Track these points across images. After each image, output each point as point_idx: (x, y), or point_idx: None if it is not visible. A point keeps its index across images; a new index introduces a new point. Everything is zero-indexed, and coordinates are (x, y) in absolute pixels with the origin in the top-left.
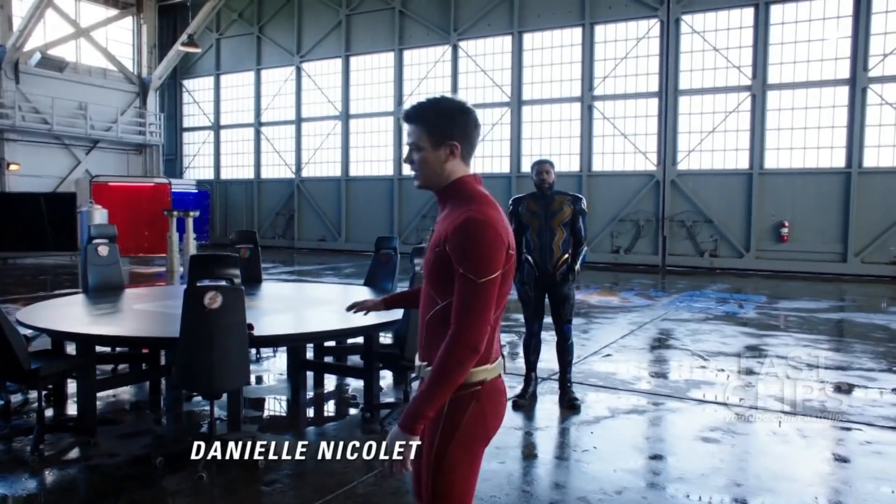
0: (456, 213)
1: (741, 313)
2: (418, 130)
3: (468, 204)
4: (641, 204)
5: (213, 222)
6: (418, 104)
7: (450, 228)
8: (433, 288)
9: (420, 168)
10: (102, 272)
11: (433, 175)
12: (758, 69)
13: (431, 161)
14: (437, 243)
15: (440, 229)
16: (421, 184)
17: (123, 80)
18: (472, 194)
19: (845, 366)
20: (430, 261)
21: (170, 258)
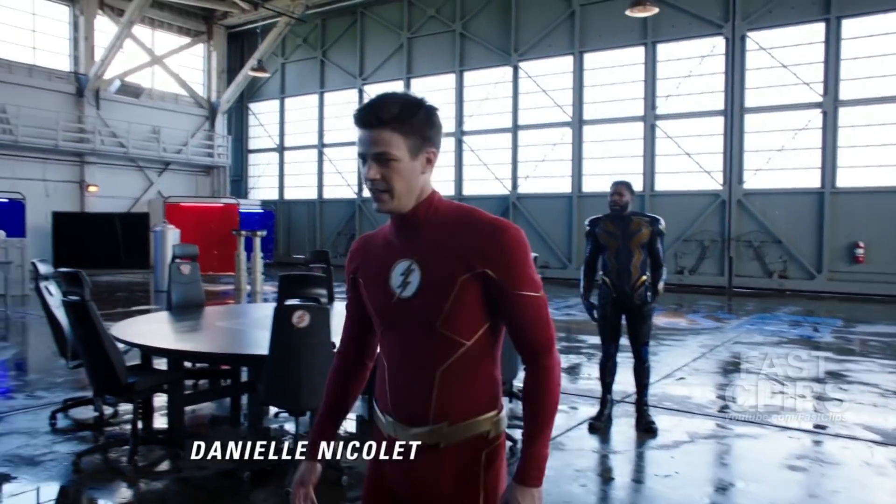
0: (453, 233)
1: (817, 337)
2: (391, 136)
3: (470, 216)
4: (706, 224)
5: (276, 241)
6: (387, 102)
7: (479, 248)
8: (453, 326)
9: (392, 183)
10: (185, 290)
11: (408, 191)
12: (829, 85)
13: (407, 173)
14: (451, 270)
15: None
16: (390, 205)
17: (194, 104)
18: (462, 208)
19: None
20: (451, 294)
21: (237, 277)
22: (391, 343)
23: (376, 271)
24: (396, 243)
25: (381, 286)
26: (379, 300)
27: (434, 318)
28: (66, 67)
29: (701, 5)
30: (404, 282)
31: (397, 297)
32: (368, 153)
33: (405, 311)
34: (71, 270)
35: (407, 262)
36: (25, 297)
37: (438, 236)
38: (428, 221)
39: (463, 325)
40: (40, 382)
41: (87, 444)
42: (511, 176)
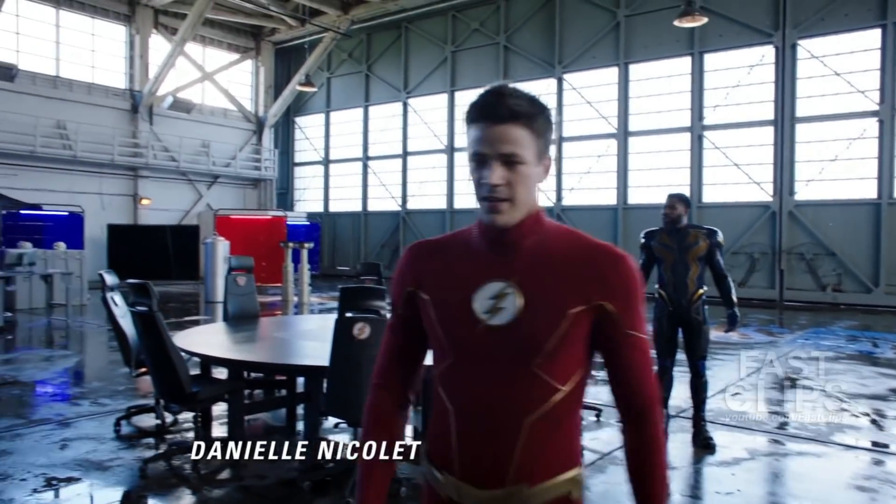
0: (565, 255)
1: (877, 353)
2: (522, 134)
3: (583, 238)
4: (756, 236)
5: (322, 253)
6: (516, 93)
7: (599, 277)
8: (551, 368)
9: (516, 190)
10: (241, 301)
11: (526, 202)
12: (885, 93)
13: (531, 181)
14: (562, 299)
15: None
16: (507, 217)
17: (242, 118)
18: (568, 228)
19: None
20: (558, 327)
21: (285, 288)
22: (465, 382)
23: (453, 290)
24: (484, 259)
25: (459, 309)
26: (456, 326)
27: (532, 355)
28: (121, 85)
29: (750, 14)
30: (495, 307)
31: (484, 324)
32: (493, 152)
33: (492, 344)
34: (140, 282)
35: (501, 283)
36: (84, 307)
37: (545, 257)
38: (531, 238)
39: (562, 367)
40: (103, 390)
41: (151, 450)
42: (556, 188)
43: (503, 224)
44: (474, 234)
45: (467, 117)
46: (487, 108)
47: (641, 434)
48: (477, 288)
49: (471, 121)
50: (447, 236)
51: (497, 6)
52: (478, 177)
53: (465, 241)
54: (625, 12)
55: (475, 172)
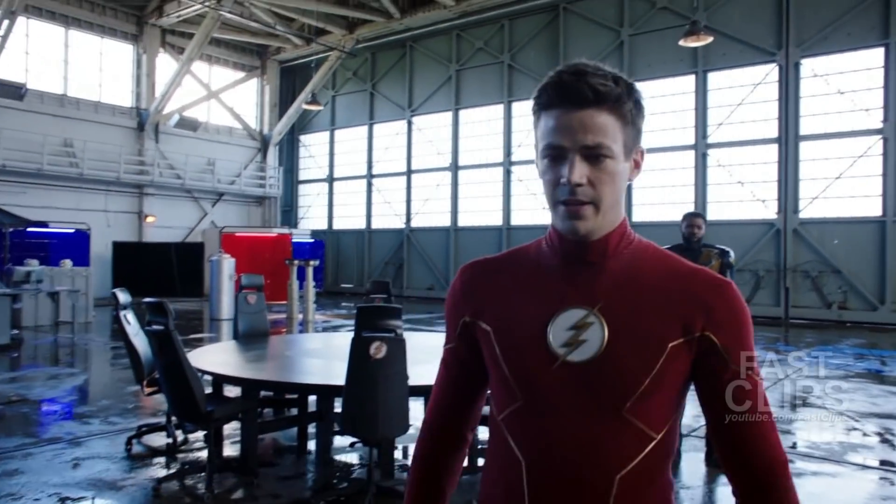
0: (658, 277)
1: (886, 371)
2: (607, 121)
3: (676, 259)
4: (761, 253)
5: (326, 271)
6: (599, 72)
7: (702, 303)
8: (646, 412)
9: (603, 190)
10: (251, 319)
11: (614, 206)
12: (890, 111)
13: (620, 179)
14: (659, 330)
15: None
16: (591, 224)
17: (247, 136)
18: (650, 242)
19: None
20: (656, 363)
21: (290, 305)
22: (539, 430)
23: (521, 319)
24: (560, 281)
25: (530, 342)
26: (526, 362)
27: (624, 396)
28: (128, 103)
29: (753, 33)
30: (575, 339)
31: (562, 360)
32: (573, 144)
33: (573, 384)
34: (156, 300)
35: (582, 311)
36: (89, 325)
37: (634, 279)
38: (618, 256)
39: (658, 412)
40: (113, 408)
41: (163, 469)
42: None
43: (586, 233)
44: (544, 249)
45: (537, 103)
46: (565, 89)
47: (780, 482)
48: (552, 316)
49: (542, 107)
50: (508, 253)
51: (501, 25)
52: (553, 176)
53: (532, 258)
54: (629, 31)
55: (549, 171)
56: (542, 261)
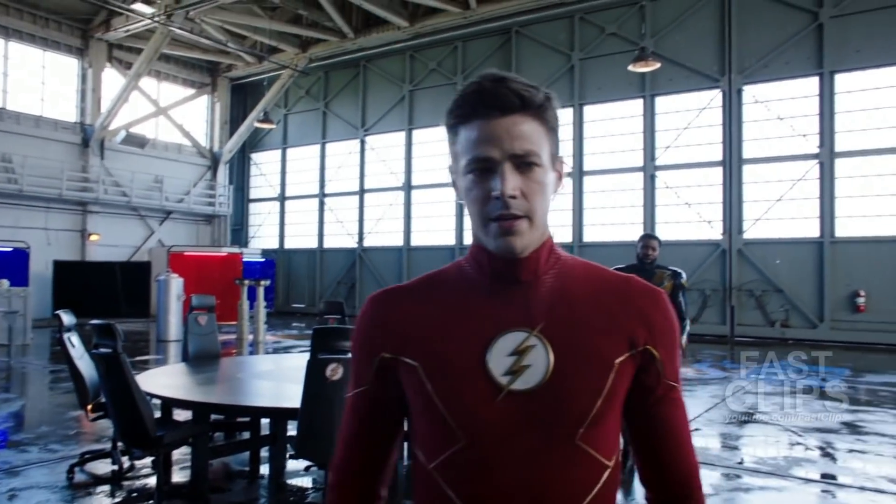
0: (595, 292)
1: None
2: (534, 128)
3: (608, 272)
4: (707, 273)
5: (276, 291)
6: (518, 80)
7: (642, 315)
8: (597, 438)
9: (535, 202)
10: (202, 341)
11: (544, 220)
12: (825, 137)
13: (548, 191)
14: (605, 346)
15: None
16: (526, 240)
17: (196, 154)
18: (573, 256)
19: None
20: (605, 383)
21: (240, 326)
22: (484, 472)
23: (454, 349)
24: (492, 303)
25: (468, 374)
26: (465, 398)
27: (577, 422)
28: (72, 118)
29: (698, 60)
30: (518, 365)
31: (506, 390)
32: (502, 154)
33: (520, 416)
34: (104, 322)
35: (522, 333)
36: (27, 347)
37: (569, 295)
38: (550, 272)
39: (609, 436)
40: (52, 435)
41: (108, 498)
42: None
43: (521, 250)
44: (467, 271)
45: (455, 116)
46: (488, 95)
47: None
48: (489, 342)
49: (461, 119)
50: (422, 279)
51: (455, 46)
52: (481, 191)
53: (454, 282)
54: (579, 55)
55: (475, 187)
56: (468, 284)
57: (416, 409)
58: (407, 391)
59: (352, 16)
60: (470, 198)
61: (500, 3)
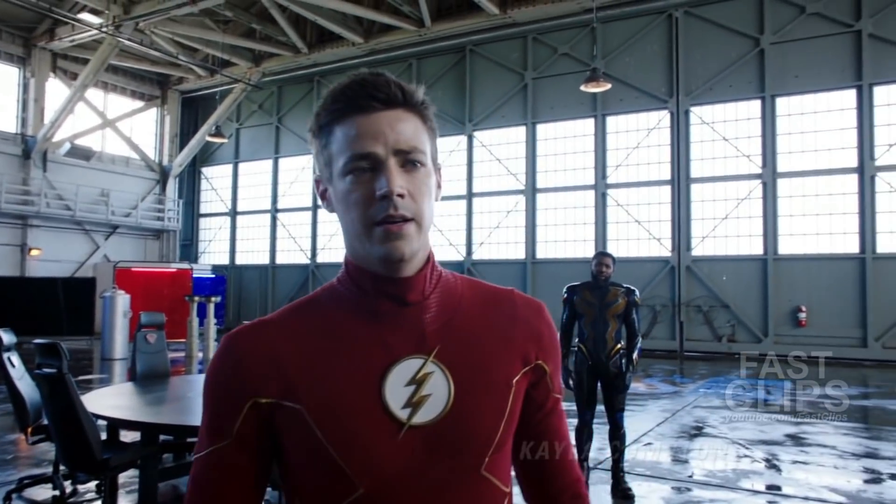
0: (482, 309)
1: (771, 400)
2: (417, 125)
3: (487, 286)
4: (657, 289)
5: (227, 307)
6: (394, 80)
7: (531, 329)
8: (499, 464)
9: (422, 203)
10: (150, 359)
11: (428, 228)
12: (767, 158)
13: (432, 195)
14: (502, 367)
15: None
16: (413, 246)
17: (145, 167)
18: (448, 271)
19: (891, 455)
20: (506, 406)
21: (189, 343)
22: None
23: (344, 386)
24: (376, 331)
25: (362, 411)
26: (362, 438)
27: (482, 452)
28: (12, 129)
29: (647, 81)
30: (417, 396)
31: (407, 424)
32: (385, 149)
33: (423, 450)
34: (48, 342)
35: (417, 360)
36: None
37: (459, 313)
38: (435, 292)
39: (507, 461)
40: None
41: None
42: (466, 242)
43: (409, 256)
44: (343, 295)
45: (328, 112)
46: (370, 87)
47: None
48: (383, 373)
49: (337, 116)
50: (287, 310)
51: (409, 64)
52: (363, 192)
53: (329, 308)
54: (532, 75)
55: (356, 188)
56: (347, 309)
57: (297, 462)
58: (285, 442)
59: (306, 31)
60: (349, 202)
61: (455, 21)
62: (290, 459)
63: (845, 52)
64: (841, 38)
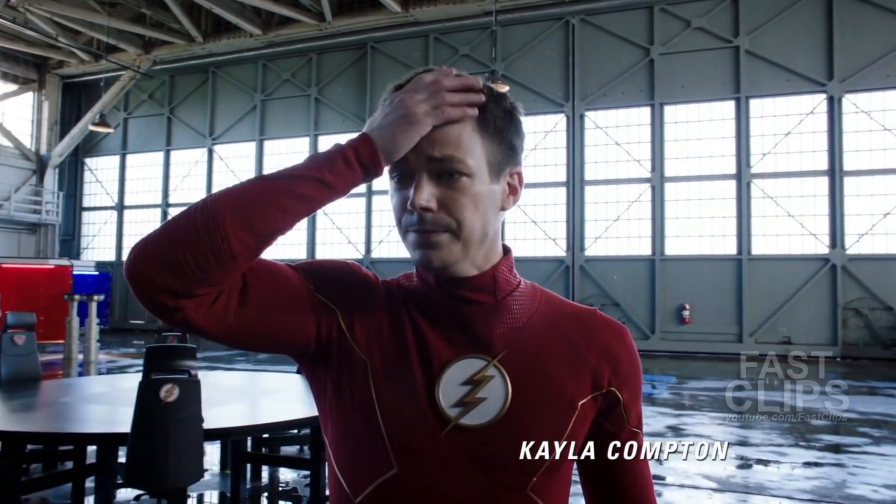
0: (559, 324)
1: (655, 394)
2: (465, 132)
3: (569, 303)
4: (553, 288)
5: (112, 306)
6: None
7: (609, 355)
8: (553, 488)
9: (462, 214)
10: (18, 363)
11: (483, 234)
12: (656, 163)
13: (485, 201)
14: (570, 386)
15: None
16: (451, 256)
17: (19, 156)
18: (531, 282)
19: (758, 442)
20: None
21: (68, 345)
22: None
23: (402, 368)
24: (444, 325)
25: (413, 398)
26: (408, 423)
27: (531, 469)
28: None
29: (545, 85)
30: (470, 397)
31: (454, 423)
32: (417, 159)
33: (465, 454)
34: None
35: (480, 361)
36: None
37: (532, 324)
38: (511, 296)
39: (563, 488)
40: None
41: None
42: (365, 240)
43: (443, 266)
44: (417, 285)
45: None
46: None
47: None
48: (442, 368)
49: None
50: (399, 279)
51: (309, 59)
52: (399, 199)
53: (414, 294)
54: None
55: (395, 194)
56: (418, 299)
57: (344, 415)
58: (342, 382)
59: (201, 19)
60: (392, 206)
61: (357, 17)
62: (339, 409)
63: (725, 66)
64: (722, 53)
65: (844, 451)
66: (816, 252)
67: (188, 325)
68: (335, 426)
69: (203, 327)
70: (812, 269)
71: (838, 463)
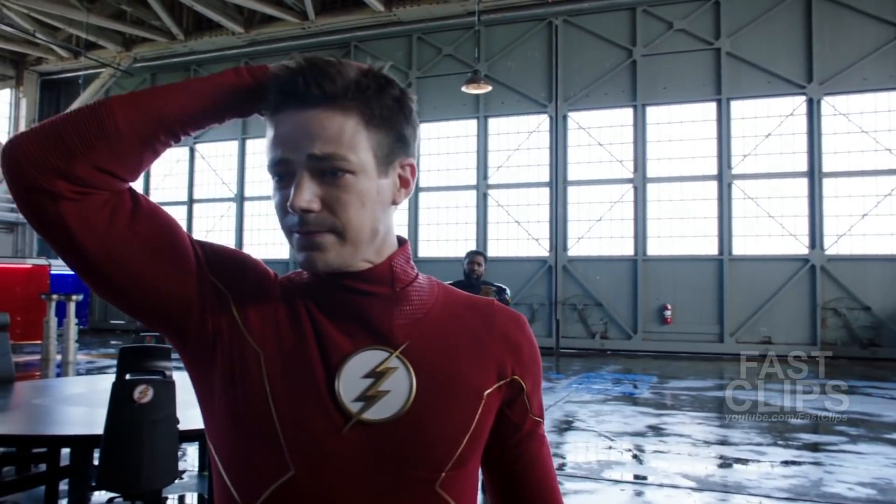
0: (460, 313)
1: (637, 393)
2: (345, 124)
3: (462, 293)
4: (535, 288)
5: (92, 306)
6: (336, 65)
7: (510, 343)
8: (459, 484)
9: (346, 214)
10: None
11: (371, 232)
12: (638, 163)
13: (372, 198)
14: (474, 375)
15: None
16: (337, 257)
17: None
18: (428, 275)
19: (737, 441)
20: (473, 418)
21: (46, 346)
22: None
23: (298, 361)
24: (342, 317)
25: (310, 393)
26: (306, 420)
27: (439, 464)
28: None
29: (528, 86)
30: (373, 390)
31: (356, 418)
32: (298, 156)
33: (368, 451)
34: None
35: (381, 352)
36: None
37: (432, 314)
38: (410, 286)
39: (470, 482)
40: None
41: None
42: None
43: (328, 268)
44: (311, 279)
45: (267, 107)
46: (290, 85)
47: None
48: (341, 360)
49: (272, 112)
50: (291, 275)
51: (291, 58)
52: (280, 199)
53: (307, 288)
54: (416, 74)
55: (276, 193)
56: (313, 293)
57: (230, 412)
58: (232, 369)
59: (182, 16)
60: (274, 204)
61: (340, 16)
62: (229, 408)
63: (707, 68)
64: (703, 55)
65: (822, 449)
66: (796, 252)
67: (60, 225)
68: (224, 428)
69: (74, 232)
70: (792, 269)
71: (816, 461)
